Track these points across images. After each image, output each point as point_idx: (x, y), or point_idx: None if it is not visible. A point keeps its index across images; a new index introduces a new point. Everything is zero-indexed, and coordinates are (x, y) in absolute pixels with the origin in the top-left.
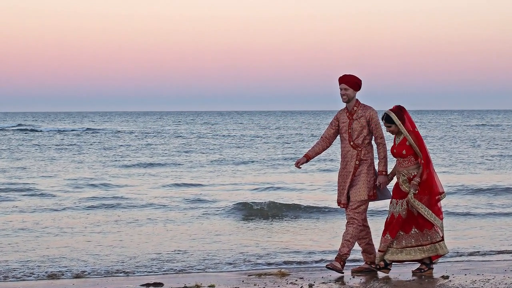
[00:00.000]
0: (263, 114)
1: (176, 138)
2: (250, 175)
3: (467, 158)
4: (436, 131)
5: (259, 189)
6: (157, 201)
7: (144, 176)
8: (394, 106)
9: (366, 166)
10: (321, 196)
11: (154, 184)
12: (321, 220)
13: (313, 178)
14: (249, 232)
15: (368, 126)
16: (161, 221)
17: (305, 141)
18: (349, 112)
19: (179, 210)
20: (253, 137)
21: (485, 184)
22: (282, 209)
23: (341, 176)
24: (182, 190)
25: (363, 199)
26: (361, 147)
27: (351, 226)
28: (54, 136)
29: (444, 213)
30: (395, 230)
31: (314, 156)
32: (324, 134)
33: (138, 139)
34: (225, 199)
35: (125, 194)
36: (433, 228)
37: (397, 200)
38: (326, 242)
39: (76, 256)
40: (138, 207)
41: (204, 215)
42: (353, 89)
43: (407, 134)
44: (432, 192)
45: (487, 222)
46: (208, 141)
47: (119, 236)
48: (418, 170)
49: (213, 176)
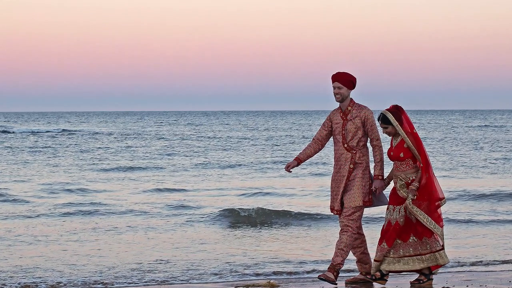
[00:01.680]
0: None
1: (158, 140)
2: (237, 179)
3: (469, 161)
4: (436, 133)
5: (246, 194)
6: (137, 207)
7: (124, 180)
8: (391, 106)
9: (361, 170)
10: (313, 202)
11: (134, 189)
12: (313, 228)
13: (305, 182)
14: (236, 241)
15: (363, 127)
16: (142, 229)
17: (295, 143)
18: (343, 112)
19: (161, 217)
20: (240, 139)
21: (488, 189)
22: (271, 216)
23: (335, 181)
24: (164, 195)
25: (357, 205)
26: (355, 149)
27: (345, 234)
28: (28, 138)
29: (445, 220)
30: (392, 239)
31: (305, 160)
32: (316, 136)
33: (117, 141)
34: (211, 205)
35: (103, 199)
36: (433, 236)
37: (394, 206)
38: (318, 251)
39: (51, 266)
40: (118, 213)
41: (188, 222)
42: (347, 88)
43: (405, 136)
44: (432, 198)
45: (491, 230)
46: (192, 143)
47: (97, 244)
48: (417, 174)
49: (198, 180)
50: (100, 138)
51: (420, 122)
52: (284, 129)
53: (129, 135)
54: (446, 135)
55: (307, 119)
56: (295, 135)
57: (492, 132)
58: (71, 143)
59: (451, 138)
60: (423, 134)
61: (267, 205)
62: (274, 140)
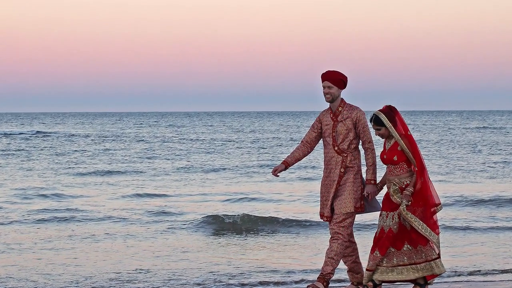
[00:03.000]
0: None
1: (138, 143)
2: (221, 184)
3: (466, 165)
4: (431, 135)
5: (231, 200)
6: (116, 213)
7: (102, 185)
8: (384, 106)
9: (352, 174)
10: (302, 208)
11: (112, 194)
12: (301, 235)
13: (293, 187)
14: (220, 249)
15: (354, 129)
16: (121, 236)
17: (283, 146)
18: (333, 113)
19: (141, 224)
20: (224, 142)
21: (487, 194)
22: (257, 223)
23: (324, 186)
24: (144, 201)
25: (349, 211)
26: (346, 152)
27: (336, 242)
28: (0, 140)
29: (441, 227)
30: (385, 247)
31: (293, 163)
32: (305, 138)
33: (94, 143)
34: (193, 212)
35: (80, 205)
36: (428, 244)
37: (388, 212)
38: (307, 260)
39: (25, 275)
40: (95, 220)
41: (169, 230)
42: (337, 87)
43: (398, 138)
44: (427, 204)
45: (489, 238)
46: (173, 145)
47: (73, 253)
48: (411, 179)
49: (180, 185)
50: (77, 140)
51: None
52: (271, 131)
53: (107, 137)
54: (443, 137)
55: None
56: (283, 137)
57: (491, 134)
58: (45, 145)
59: (447, 141)
60: (418, 136)
61: (253, 211)
62: (260, 143)
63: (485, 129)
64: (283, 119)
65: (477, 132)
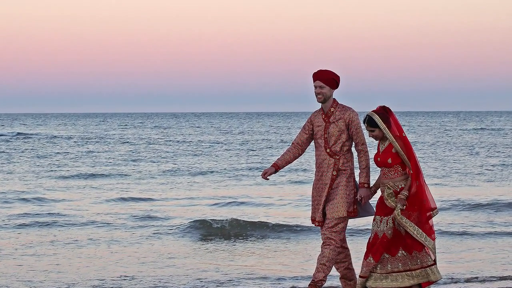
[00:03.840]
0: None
1: (122, 145)
2: (209, 187)
3: (463, 168)
4: (427, 136)
5: (219, 204)
6: (100, 218)
7: (85, 189)
8: (378, 107)
9: (345, 178)
10: (292, 212)
11: (96, 198)
12: (292, 241)
13: (283, 191)
14: (208, 255)
15: (347, 130)
16: (105, 242)
17: (273, 148)
18: (325, 114)
19: (126, 229)
20: (212, 143)
21: (484, 198)
22: (246, 228)
23: (316, 189)
24: (129, 205)
25: (341, 216)
26: (339, 155)
27: (328, 247)
28: None
29: (437, 233)
30: (379, 253)
31: (284, 166)
32: (296, 140)
33: (77, 145)
34: (180, 216)
35: (62, 210)
36: (424, 250)
37: (382, 217)
38: (298, 267)
39: (5, 283)
40: (78, 225)
41: (155, 235)
42: (329, 87)
43: (393, 140)
44: (423, 208)
45: (487, 243)
46: (159, 148)
47: (56, 259)
48: (406, 182)
49: (166, 189)
50: (59, 142)
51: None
52: (261, 132)
53: (90, 139)
54: (439, 139)
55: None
56: (273, 139)
57: (489, 135)
58: (27, 147)
59: (443, 142)
60: (413, 138)
61: (242, 215)
62: (249, 145)
63: (483, 130)
64: (273, 120)
65: (475, 133)
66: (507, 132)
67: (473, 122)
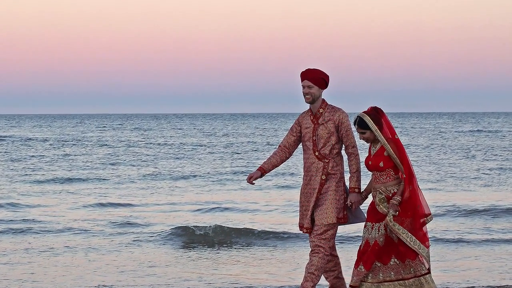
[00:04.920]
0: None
1: (101, 147)
2: (191, 192)
3: (459, 172)
4: (421, 139)
5: (202, 210)
6: (77, 224)
7: (61, 194)
8: (370, 108)
9: (334, 182)
10: (279, 218)
11: (73, 203)
12: (279, 249)
13: (269, 196)
14: (191, 263)
15: (337, 133)
16: (82, 250)
17: (259, 151)
18: (314, 115)
19: (104, 236)
20: (195, 146)
21: (481, 204)
22: (231, 235)
23: (304, 194)
24: (107, 211)
25: (330, 222)
26: (328, 158)
27: (316, 255)
28: None
29: (431, 240)
30: (371, 261)
31: (270, 170)
32: (283, 143)
33: (53, 148)
34: (161, 223)
35: (37, 216)
36: (417, 258)
37: (373, 223)
38: (285, 276)
39: None
40: (54, 232)
41: (135, 242)
42: (318, 87)
43: (385, 142)
44: (416, 214)
45: (484, 251)
46: (139, 150)
47: (30, 268)
48: (399, 187)
49: (146, 194)
50: (34, 145)
51: (402, 126)
52: (246, 134)
53: (67, 142)
54: (433, 142)
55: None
56: (259, 142)
57: (486, 138)
58: (0, 150)
59: (438, 145)
60: (406, 141)
61: (226, 222)
62: (234, 148)
63: (479, 132)
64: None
65: (471, 136)
66: (505, 134)
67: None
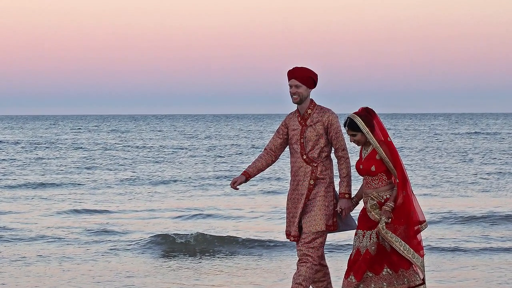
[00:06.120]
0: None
1: (75, 150)
2: (172, 198)
3: (455, 176)
4: (415, 141)
5: (183, 216)
6: (50, 232)
7: (34, 199)
8: (361, 109)
9: (323, 187)
10: (265, 226)
11: (46, 210)
12: (264, 258)
13: (254, 202)
14: (171, 273)
15: (326, 135)
16: (56, 259)
17: (243, 154)
18: (302, 116)
19: (79, 245)
20: (175, 149)
21: (479, 210)
22: (213, 243)
23: (291, 200)
24: (83, 218)
25: (319, 230)
26: (317, 162)
27: (304, 265)
28: None
29: (426, 249)
30: (362, 271)
31: (255, 174)
32: (269, 145)
33: (25, 151)
34: (139, 230)
35: (8, 223)
36: (411, 268)
37: (364, 231)
38: (271, 286)
39: None
40: (26, 240)
41: (111, 251)
42: (306, 86)
43: (377, 145)
44: (410, 221)
45: (482, 260)
46: (117, 154)
47: (1, 278)
48: (392, 192)
49: (124, 200)
50: (5, 148)
51: (396, 128)
52: (230, 136)
53: (40, 144)
54: (428, 144)
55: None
56: (243, 145)
57: (484, 140)
58: None
59: (433, 148)
60: (399, 143)
61: (209, 229)
62: (217, 151)
63: (477, 134)
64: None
65: (468, 138)
66: (504, 136)
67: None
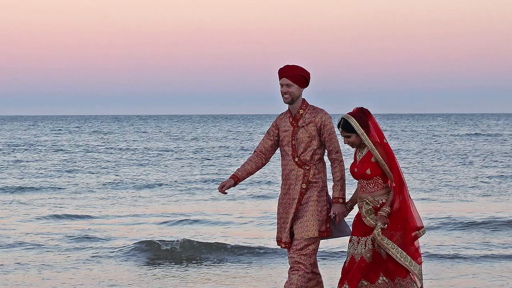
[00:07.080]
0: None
1: (56, 153)
2: (157, 203)
3: (455, 180)
4: (412, 143)
5: (169, 222)
6: (29, 238)
7: (12, 204)
8: (355, 109)
9: (316, 191)
10: (254, 232)
11: (25, 215)
12: (254, 265)
13: (244, 207)
14: (156, 282)
15: (318, 136)
16: (35, 267)
17: (232, 157)
18: (293, 117)
19: (60, 251)
20: (161, 151)
21: (479, 215)
22: (200, 250)
23: (282, 205)
24: (63, 223)
25: (312, 236)
26: (309, 164)
27: (296, 273)
28: None
29: (424, 256)
30: (356, 279)
31: (244, 177)
32: (259, 148)
33: (3, 153)
34: (123, 237)
35: None
36: (408, 276)
37: (359, 237)
38: None
39: None
40: (3, 247)
41: (93, 258)
42: (298, 85)
43: (372, 147)
44: (407, 227)
45: (483, 268)
46: (99, 156)
47: None
48: (388, 197)
49: (106, 204)
50: None
51: (392, 129)
52: (218, 138)
53: (18, 146)
54: (426, 146)
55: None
56: (232, 146)
57: (485, 142)
58: None
59: (432, 150)
60: (396, 145)
61: (196, 236)
62: (204, 153)
63: (478, 136)
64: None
65: (468, 140)
66: (506, 138)
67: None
